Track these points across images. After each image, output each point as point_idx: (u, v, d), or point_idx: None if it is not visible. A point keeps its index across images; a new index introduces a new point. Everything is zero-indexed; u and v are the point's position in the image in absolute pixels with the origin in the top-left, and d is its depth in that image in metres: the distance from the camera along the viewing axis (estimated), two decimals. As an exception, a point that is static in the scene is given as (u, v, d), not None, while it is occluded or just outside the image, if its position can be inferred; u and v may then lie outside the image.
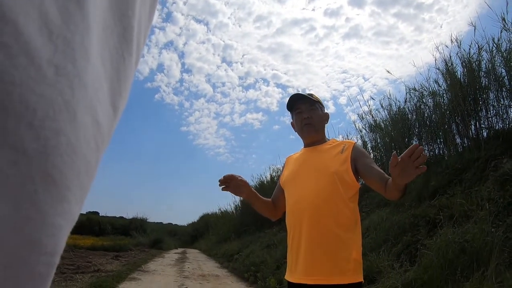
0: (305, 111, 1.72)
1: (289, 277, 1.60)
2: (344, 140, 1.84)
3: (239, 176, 1.76)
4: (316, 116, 1.73)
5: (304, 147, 1.80)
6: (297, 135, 1.84)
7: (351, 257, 1.49)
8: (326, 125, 1.81)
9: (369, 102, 12.81)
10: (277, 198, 1.84)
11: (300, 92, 1.78)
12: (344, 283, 1.45)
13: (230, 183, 1.75)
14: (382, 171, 1.56)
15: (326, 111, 1.82)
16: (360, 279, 1.50)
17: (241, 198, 13.02)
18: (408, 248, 3.79)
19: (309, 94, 1.77)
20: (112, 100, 0.27)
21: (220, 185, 1.77)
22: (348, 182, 1.55)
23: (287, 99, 1.80)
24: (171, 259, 11.44)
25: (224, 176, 1.75)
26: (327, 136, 1.82)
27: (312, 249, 1.50)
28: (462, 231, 3.12)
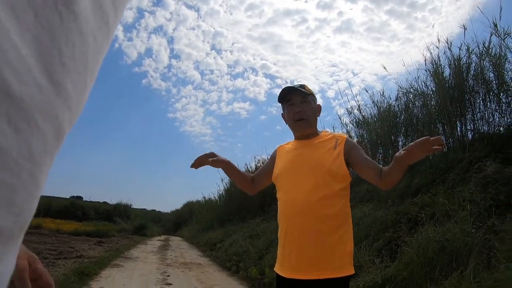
0: (297, 104, 1.69)
1: (281, 271, 1.61)
2: (336, 133, 1.81)
3: (212, 155, 1.76)
4: (308, 110, 1.70)
5: (295, 138, 1.79)
6: (287, 126, 1.83)
7: (346, 250, 1.55)
8: (318, 117, 1.79)
9: (357, 97, 12.87)
10: (259, 179, 1.87)
11: (293, 85, 1.75)
12: (340, 276, 1.49)
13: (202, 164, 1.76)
14: (375, 161, 1.61)
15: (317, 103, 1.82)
16: (353, 271, 1.55)
17: (225, 187, 13.12)
18: (389, 244, 3.86)
19: (301, 86, 1.74)
20: (46, 68, 0.22)
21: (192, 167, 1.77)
22: (341, 176, 1.57)
23: (276, 90, 1.85)
24: (154, 246, 11.42)
25: (195, 161, 1.75)
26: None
27: (307, 246, 1.52)
28: (443, 230, 3.19)
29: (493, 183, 3.60)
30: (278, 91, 1.77)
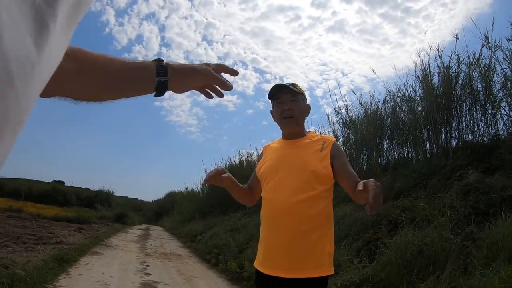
0: (286, 102, 1.70)
1: (261, 267, 1.63)
2: (324, 135, 1.83)
3: (222, 171, 1.73)
4: (297, 108, 1.70)
5: (282, 137, 1.79)
6: (273, 122, 1.83)
7: (325, 251, 1.57)
8: (306, 117, 1.80)
9: (345, 97, 12.96)
10: (255, 186, 1.83)
11: (284, 83, 1.75)
12: (319, 275, 1.52)
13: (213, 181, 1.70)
14: (354, 173, 1.61)
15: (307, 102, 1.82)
16: (332, 271, 1.58)
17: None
18: (368, 245, 3.92)
19: (292, 84, 1.74)
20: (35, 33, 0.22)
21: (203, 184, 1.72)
22: (325, 178, 1.59)
23: (265, 85, 1.91)
24: (134, 235, 11.34)
25: (209, 176, 1.69)
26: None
27: (288, 245, 1.54)
28: (422, 234, 3.25)
29: (474, 192, 3.69)
30: (266, 86, 1.79)
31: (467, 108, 5.02)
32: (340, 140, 7.74)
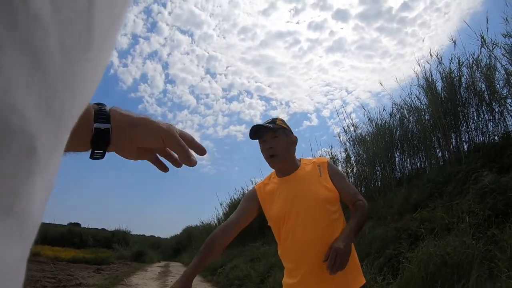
0: (268, 141, 1.66)
1: None
2: (314, 158, 1.79)
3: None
4: (279, 145, 1.66)
5: (277, 175, 1.75)
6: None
7: (356, 263, 1.62)
8: (294, 148, 1.76)
9: (351, 115, 12.95)
10: (235, 227, 1.69)
11: (262, 123, 1.71)
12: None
13: None
14: (352, 190, 1.68)
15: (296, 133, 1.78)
16: (364, 279, 1.62)
17: (224, 211, 13.00)
18: (390, 261, 3.80)
19: (272, 121, 1.71)
20: None
21: None
22: (333, 199, 1.61)
23: (272, 111, 1.93)
24: (154, 272, 11.19)
25: None
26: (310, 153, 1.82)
27: (325, 279, 1.50)
28: (443, 244, 3.15)
29: (491, 193, 3.59)
30: (273, 113, 1.81)
31: (473, 109, 4.96)
32: (352, 159, 7.70)
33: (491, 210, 3.39)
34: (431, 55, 5.54)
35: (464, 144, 5.12)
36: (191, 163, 0.63)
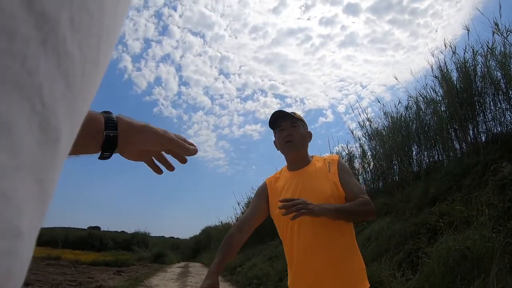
0: (287, 129, 1.70)
1: None
2: (326, 155, 1.79)
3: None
4: (297, 134, 1.70)
5: (288, 168, 1.77)
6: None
7: (361, 266, 1.58)
8: (308, 143, 1.79)
9: (367, 109, 12.82)
10: (251, 224, 1.73)
11: (283, 110, 1.76)
12: None
13: None
14: (357, 188, 1.61)
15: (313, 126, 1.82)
16: (368, 284, 1.57)
17: (242, 210, 13.02)
18: (409, 256, 3.74)
19: (291, 112, 1.75)
20: None
21: None
22: (341, 196, 1.59)
23: (286, 109, 1.78)
24: (173, 273, 11.32)
25: None
26: (327, 150, 1.80)
27: (324, 269, 1.51)
28: (463, 238, 3.08)
29: (510, 184, 3.50)
30: (288, 111, 1.75)
31: (490, 99, 4.84)
32: (369, 153, 7.62)
33: (511, 201, 3.30)
34: (445, 45, 5.43)
35: (481, 135, 4.99)
36: (191, 152, 0.73)
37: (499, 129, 4.79)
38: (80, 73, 0.18)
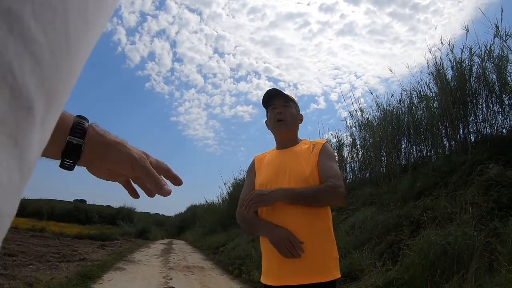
0: (279, 107, 1.72)
1: (270, 280, 1.59)
2: (315, 140, 1.80)
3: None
4: (289, 113, 1.72)
5: (276, 147, 1.80)
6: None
7: (332, 255, 1.57)
8: (299, 125, 1.81)
9: (360, 99, 12.85)
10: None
11: (277, 88, 1.77)
12: (328, 280, 1.50)
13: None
14: (330, 171, 1.57)
15: (304, 111, 1.84)
16: (339, 275, 1.55)
17: (228, 190, 13.14)
18: (391, 247, 3.84)
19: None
20: None
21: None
22: (319, 178, 1.59)
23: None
24: (157, 249, 11.42)
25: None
26: (315, 134, 1.80)
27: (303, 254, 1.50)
28: (445, 233, 3.17)
29: (495, 186, 3.58)
30: None
31: (483, 100, 4.90)
32: (358, 143, 7.69)
33: (495, 202, 3.38)
34: (442, 42, 5.44)
35: (471, 134, 5.07)
36: (163, 192, 0.62)
37: (489, 130, 4.87)
38: (48, 53, 0.21)
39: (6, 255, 6.78)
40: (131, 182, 0.68)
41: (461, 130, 5.12)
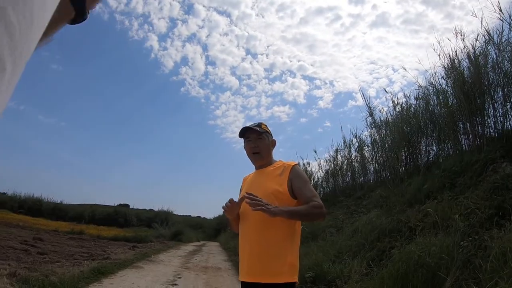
0: (253, 141, 2.00)
1: (241, 277, 1.88)
2: (286, 162, 2.05)
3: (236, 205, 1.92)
4: (262, 145, 2.00)
5: (255, 169, 2.08)
6: (327, 129, 2.08)
7: (286, 261, 1.77)
8: (272, 149, 2.08)
9: (397, 95, 12.09)
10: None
11: (249, 125, 2.04)
12: (278, 282, 1.73)
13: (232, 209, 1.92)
14: (309, 193, 1.83)
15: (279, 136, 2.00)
16: (294, 279, 1.76)
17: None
18: (383, 254, 3.57)
19: (257, 125, 2.04)
20: None
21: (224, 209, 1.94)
22: (284, 199, 1.82)
23: (316, 91, 2.21)
24: (185, 251, 11.61)
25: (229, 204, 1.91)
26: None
27: (253, 255, 1.80)
28: (426, 244, 2.88)
29: (502, 189, 3.23)
30: (317, 93, 1.97)
31: (500, 93, 4.40)
32: (378, 143, 7.31)
33: (496, 208, 3.06)
34: (456, 33, 4.97)
35: (489, 130, 4.59)
36: None
37: (510, 124, 4.36)
38: (18, 31, 0.30)
39: (38, 253, 7.25)
40: None
41: (478, 127, 4.66)
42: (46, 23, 0.36)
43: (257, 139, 2.00)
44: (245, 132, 2.05)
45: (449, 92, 5.17)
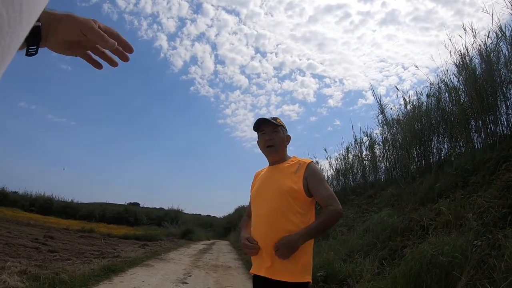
0: (268, 133, 1.94)
1: (252, 270, 1.85)
2: (301, 159, 1.98)
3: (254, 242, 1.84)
4: (277, 138, 1.93)
5: (269, 164, 2.02)
6: (338, 128, 2.03)
7: (299, 260, 1.71)
8: (287, 145, 2.02)
9: (408, 93, 12.00)
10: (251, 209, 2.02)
11: (266, 117, 1.97)
12: (291, 281, 1.68)
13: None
14: (325, 192, 1.79)
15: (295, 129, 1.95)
16: (307, 279, 1.72)
17: None
18: (395, 253, 3.54)
19: (273, 118, 1.98)
20: None
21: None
22: (299, 197, 1.77)
23: (325, 89, 2.08)
24: (195, 249, 11.67)
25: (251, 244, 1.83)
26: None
27: (267, 252, 1.75)
28: (439, 243, 2.84)
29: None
30: (327, 91, 1.93)
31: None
32: (390, 141, 7.25)
33: (510, 207, 3.00)
34: (464, 29, 4.90)
35: (502, 128, 4.53)
36: (108, 45, 0.66)
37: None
38: (7, 23, 0.31)
39: (49, 251, 7.36)
40: (91, 55, 0.73)
41: (490, 125, 4.60)
42: (35, 18, 0.37)
43: (272, 132, 1.94)
44: (260, 125, 1.98)
45: (460, 90, 5.10)
